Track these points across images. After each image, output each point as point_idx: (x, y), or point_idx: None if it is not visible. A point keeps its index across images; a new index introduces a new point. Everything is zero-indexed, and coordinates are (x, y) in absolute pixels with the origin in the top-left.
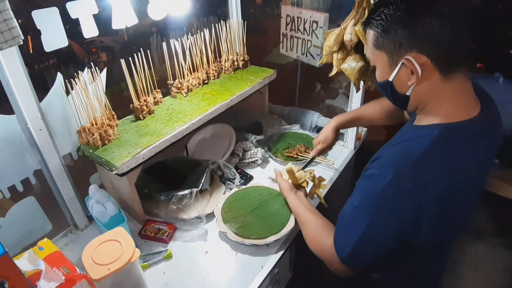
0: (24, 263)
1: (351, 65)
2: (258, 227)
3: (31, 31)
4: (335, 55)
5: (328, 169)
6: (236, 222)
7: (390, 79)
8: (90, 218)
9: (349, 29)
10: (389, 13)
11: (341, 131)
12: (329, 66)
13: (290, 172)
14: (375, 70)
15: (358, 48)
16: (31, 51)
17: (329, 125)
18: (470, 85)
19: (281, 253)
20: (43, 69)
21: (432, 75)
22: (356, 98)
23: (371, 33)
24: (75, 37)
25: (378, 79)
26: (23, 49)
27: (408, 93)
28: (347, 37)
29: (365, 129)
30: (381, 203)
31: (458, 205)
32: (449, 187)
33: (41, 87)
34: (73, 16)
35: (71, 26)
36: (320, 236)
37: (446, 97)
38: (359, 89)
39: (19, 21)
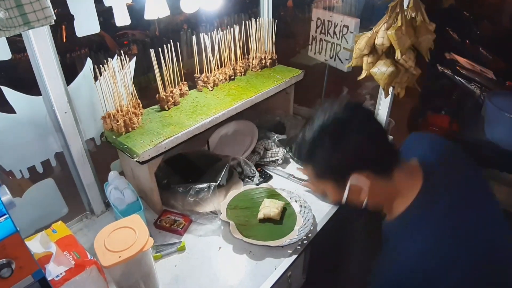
0: (36, 244)
1: (381, 69)
2: (258, 230)
3: (66, 21)
4: (365, 59)
5: None
6: (239, 220)
7: (344, 201)
8: (107, 205)
9: (381, 33)
10: (321, 145)
11: None
12: (356, 71)
13: None
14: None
15: (390, 53)
16: (64, 40)
17: None
18: (409, 166)
19: (295, 256)
20: (75, 58)
21: (379, 181)
22: (384, 103)
23: (310, 167)
24: (108, 29)
25: (332, 201)
26: (56, 37)
27: (364, 205)
28: (378, 41)
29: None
30: None
31: None
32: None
33: (70, 73)
34: (106, 4)
35: (105, 18)
36: None
37: (398, 188)
38: (388, 94)
39: (55, 10)
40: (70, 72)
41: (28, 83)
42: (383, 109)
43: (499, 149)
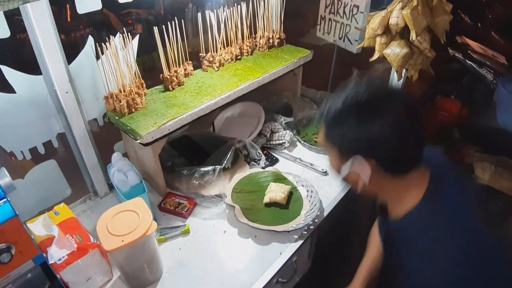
0: (38, 227)
1: (395, 51)
2: (264, 215)
3: (70, 1)
4: (378, 39)
5: None
6: (245, 204)
7: (342, 176)
8: (111, 186)
9: (396, 13)
10: (344, 116)
11: None
12: (366, 53)
13: None
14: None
15: (404, 33)
16: (68, 20)
17: None
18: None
19: (301, 241)
20: (78, 37)
21: (384, 175)
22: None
23: (324, 129)
24: (112, 8)
25: (331, 167)
26: (60, 17)
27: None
28: (393, 21)
29: None
30: None
31: None
32: None
33: (72, 52)
34: None
35: None
36: None
37: (406, 188)
38: (401, 77)
39: None
40: (71, 51)
41: (28, 62)
42: None
43: (511, 135)
